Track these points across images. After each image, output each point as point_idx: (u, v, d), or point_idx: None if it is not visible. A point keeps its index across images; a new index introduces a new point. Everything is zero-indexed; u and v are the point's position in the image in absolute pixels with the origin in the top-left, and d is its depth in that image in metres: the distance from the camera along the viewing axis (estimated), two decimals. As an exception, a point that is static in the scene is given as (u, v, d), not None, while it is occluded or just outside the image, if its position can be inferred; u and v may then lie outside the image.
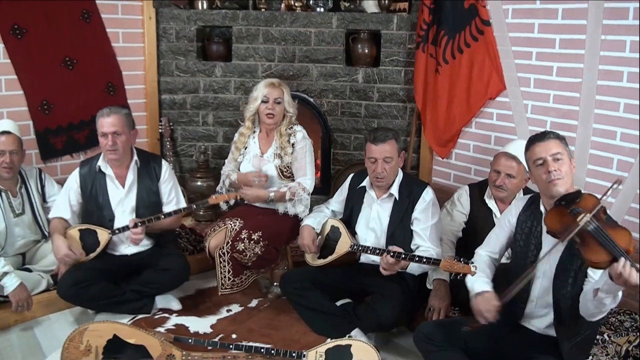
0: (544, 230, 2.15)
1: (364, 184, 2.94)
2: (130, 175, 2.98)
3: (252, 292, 3.23)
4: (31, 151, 3.60)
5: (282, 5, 4.13)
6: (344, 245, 2.86)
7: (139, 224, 2.85)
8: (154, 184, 3.02)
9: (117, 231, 2.89)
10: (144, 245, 3.02)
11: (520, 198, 2.40)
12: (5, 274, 2.74)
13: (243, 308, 3.11)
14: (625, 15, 2.86)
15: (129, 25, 3.99)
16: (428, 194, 2.82)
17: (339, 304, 2.92)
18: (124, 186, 2.96)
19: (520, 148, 2.49)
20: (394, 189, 2.84)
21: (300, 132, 3.20)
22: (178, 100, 4.24)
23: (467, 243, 2.89)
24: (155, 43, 4.11)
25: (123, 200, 2.96)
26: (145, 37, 4.06)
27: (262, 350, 2.52)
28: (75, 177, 2.98)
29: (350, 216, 2.99)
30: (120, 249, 3.00)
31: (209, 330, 2.87)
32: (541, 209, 2.22)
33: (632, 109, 2.89)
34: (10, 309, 2.78)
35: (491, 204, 2.92)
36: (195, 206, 3.00)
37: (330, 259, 2.89)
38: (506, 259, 2.52)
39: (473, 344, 2.24)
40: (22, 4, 3.45)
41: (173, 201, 3.07)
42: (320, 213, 3.09)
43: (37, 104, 3.63)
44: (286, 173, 3.18)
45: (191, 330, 2.86)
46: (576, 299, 2.06)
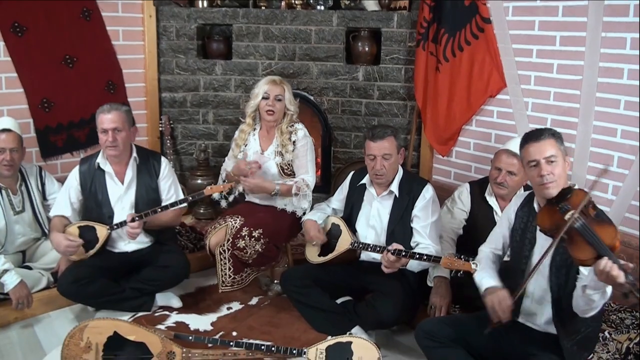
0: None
1: (364, 181, 2.94)
2: (130, 172, 2.98)
3: (253, 290, 3.23)
4: (31, 149, 3.60)
5: (283, 3, 4.12)
6: (344, 242, 2.86)
7: (136, 218, 2.85)
8: (153, 180, 3.02)
9: (116, 226, 2.89)
10: (144, 242, 3.02)
11: (519, 195, 2.40)
12: (5, 271, 2.74)
13: (243, 306, 3.11)
14: (625, 12, 2.85)
15: (129, 23, 3.99)
16: (428, 192, 2.81)
17: (339, 301, 2.92)
18: (123, 183, 2.97)
19: None
20: (394, 186, 2.83)
21: (302, 130, 3.20)
22: (178, 98, 4.24)
23: (468, 240, 2.89)
24: (156, 41, 4.11)
25: (122, 197, 2.96)
26: (145, 35, 4.06)
27: (263, 347, 2.52)
28: (75, 175, 2.98)
29: (350, 214, 2.98)
30: (120, 246, 3.00)
31: (210, 327, 2.87)
32: (535, 206, 2.24)
33: (633, 106, 2.89)
34: (10, 306, 2.78)
35: (492, 201, 2.92)
36: (191, 197, 2.99)
37: (330, 256, 2.88)
38: (508, 257, 2.52)
39: (474, 341, 2.24)
40: (23, 2, 3.46)
41: (172, 198, 3.06)
42: (321, 210, 3.09)
43: (38, 102, 3.64)
44: (287, 171, 3.18)
45: (191, 328, 2.86)
46: (571, 296, 2.07)
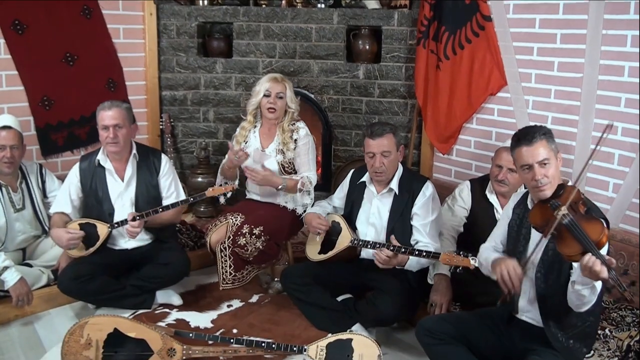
0: None
1: (364, 179, 2.94)
2: (129, 168, 2.98)
3: (253, 288, 3.23)
4: (32, 147, 3.60)
5: (283, 2, 4.12)
6: (344, 240, 2.85)
7: (137, 217, 2.85)
8: (153, 177, 3.02)
9: (117, 225, 2.89)
10: (144, 240, 3.02)
11: (518, 192, 2.41)
12: (5, 268, 2.74)
13: (244, 303, 3.10)
14: (626, 9, 2.85)
15: (130, 22, 3.99)
16: (428, 189, 2.81)
17: (339, 299, 2.92)
18: (123, 180, 2.96)
19: None
20: (394, 184, 2.83)
21: (303, 129, 3.20)
22: (179, 96, 4.24)
23: (468, 238, 2.89)
24: (156, 39, 4.11)
25: (122, 193, 2.96)
26: (146, 34, 4.06)
27: (263, 344, 2.52)
28: (75, 172, 2.99)
29: (350, 212, 2.98)
30: (121, 244, 3.00)
31: (210, 325, 2.87)
32: (528, 202, 2.25)
33: (633, 103, 2.88)
34: (10, 303, 2.78)
35: (492, 198, 2.92)
36: (192, 199, 2.99)
37: (331, 254, 2.88)
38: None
39: (475, 338, 2.24)
40: (23, 0, 3.45)
41: (173, 195, 3.06)
42: (321, 207, 3.08)
43: (38, 99, 3.63)
44: (288, 169, 3.18)
45: (192, 325, 2.86)
46: (561, 291, 2.07)
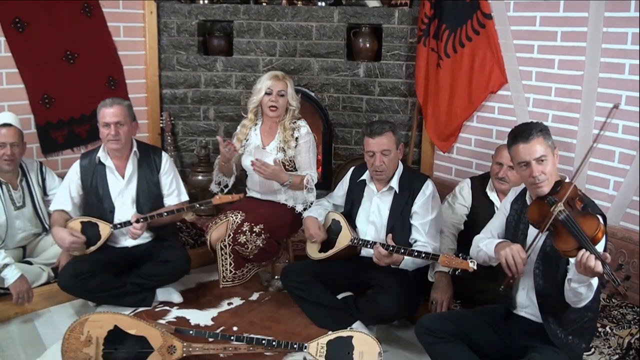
0: None
1: (364, 177, 2.93)
2: (130, 166, 2.98)
3: (253, 286, 3.23)
4: (32, 145, 3.59)
5: (284, 0, 4.12)
6: (344, 238, 2.85)
7: (141, 220, 2.85)
8: (154, 175, 3.02)
9: (119, 225, 2.89)
10: (145, 237, 3.01)
11: (516, 188, 2.41)
12: (5, 265, 2.74)
13: (244, 301, 3.10)
14: (626, 7, 2.84)
15: (130, 20, 3.98)
16: (428, 188, 2.80)
17: (340, 297, 2.92)
18: (123, 177, 2.96)
19: None
20: (394, 182, 2.83)
21: (305, 128, 3.19)
22: (179, 94, 4.24)
23: (469, 236, 2.86)
24: (156, 37, 4.10)
25: (123, 191, 2.96)
26: (146, 32, 4.06)
27: (264, 341, 2.51)
28: (75, 169, 2.99)
29: (350, 210, 2.98)
30: (121, 241, 3.00)
31: (210, 322, 2.87)
32: (527, 198, 2.25)
33: (634, 101, 2.88)
34: (10, 301, 2.78)
35: (493, 196, 2.92)
36: (198, 205, 3.01)
37: (331, 252, 2.88)
38: None
39: (475, 336, 2.23)
40: (24, -2, 3.46)
41: (174, 193, 3.07)
42: (321, 206, 3.08)
43: (38, 97, 3.63)
44: (288, 167, 3.17)
45: (192, 323, 2.86)
46: (559, 288, 2.08)
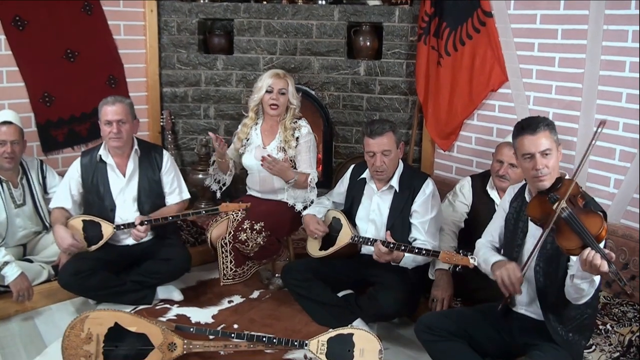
0: None
1: (364, 175, 2.93)
2: (131, 164, 2.98)
3: (254, 284, 3.23)
4: (32, 143, 3.59)
5: (284, -2, 4.13)
6: (345, 236, 2.85)
7: (145, 223, 2.85)
8: (155, 173, 3.02)
9: (122, 227, 2.90)
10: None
11: (514, 186, 2.40)
12: (6, 263, 2.74)
13: (245, 299, 3.10)
14: (627, 5, 2.84)
15: (131, 18, 3.98)
16: (428, 187, 2.80)
17: (340, 295, 2.91)
18: (124, 175, 2.96)
19: None
20: (394, 181, 2.82)
21: (305, 127, 3.19)
22: (179, 93, 4.23)
23: (469, 234, 2.87)
24: (157, 36, 4.10)
25: (124, 189, 2.96)
26: (146, 30, 4.05)
27: (264, 339, 2.50)
28: (76, 167, 2.98)
29: (350, 208, 2.97)
30: (122, 240, 3.00)
31: (211, 320, 2.87)
32: (526, 196, 2.24)
33: (634, 99, 2.87)
34: (11, 298, 2.77)
35: (493, 194, 2.91)
36: (204, 212, 3.03)
37: (331, 250, 2.88)
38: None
39: (476, 334, 2.23)
40: (24, -3, 3.46)
41: (175, 191, 3.07)
42: (321, 204, 3.08)
43: (39, 96, 3.63)
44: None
45: (192, 321, 2.86)
46: (561, 285, 2.08)
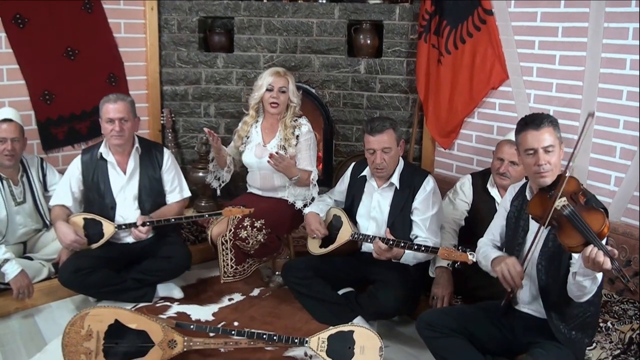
0: None
1: (364, 173, 2.93)
2: (132, 162, 2.98)
3: (254, 282, 3.23)
4: (33, 141, 3.59)
5: (284, -4, 4.12)
6: (345, 233, 2.85)
7: (147, 223, 2.85)
8: (156, 171, 3.02)
9: (124, 227, 2.90)
10: (146, 234, 3.01)
11: (515, 185, 2.40)
12: (6, 260, 2.75)
13: (245, 297, 3.10)
14: (627, 2, 2.84)
15: (131, 16, 3.97)
16: (429, 184, 2.80)
17: (341, 292, 2.91)
18: (125, 173, 2.96)
19: None
20: (395, 178, 2.82)
21: (306, 126, 3.18)
22: (180, 91, 4.23)
23: (470, 232, 2.88)
24: (157, 34, 4.09)
25: (125, 187, 2.96)
26: (147, 28, 4.05)
27: (265, 336, 2.51)
28: (77, 164, 2.99)
29: (351, 205, 2.97)
30: (123, 238, 3.00)
31: (211, 318, 2.88)
32: (527, 193, 2.24)
33: (635, 96, 2.87)
34: (11, 296, 2.78)
35: (494, 192, 2.91)
36: (207, 215, 3.04)
37: (332, 247, 2.88)
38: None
39: (476, 331, 2.23)
40: (25, -5, 3.45)
41: (176, 189, 3.07)
42: (322, 202, 3.08)
43: (39, 94, 3.63)
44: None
45: (193, 318, 2.86)
46: (563, 283, 2.07)
